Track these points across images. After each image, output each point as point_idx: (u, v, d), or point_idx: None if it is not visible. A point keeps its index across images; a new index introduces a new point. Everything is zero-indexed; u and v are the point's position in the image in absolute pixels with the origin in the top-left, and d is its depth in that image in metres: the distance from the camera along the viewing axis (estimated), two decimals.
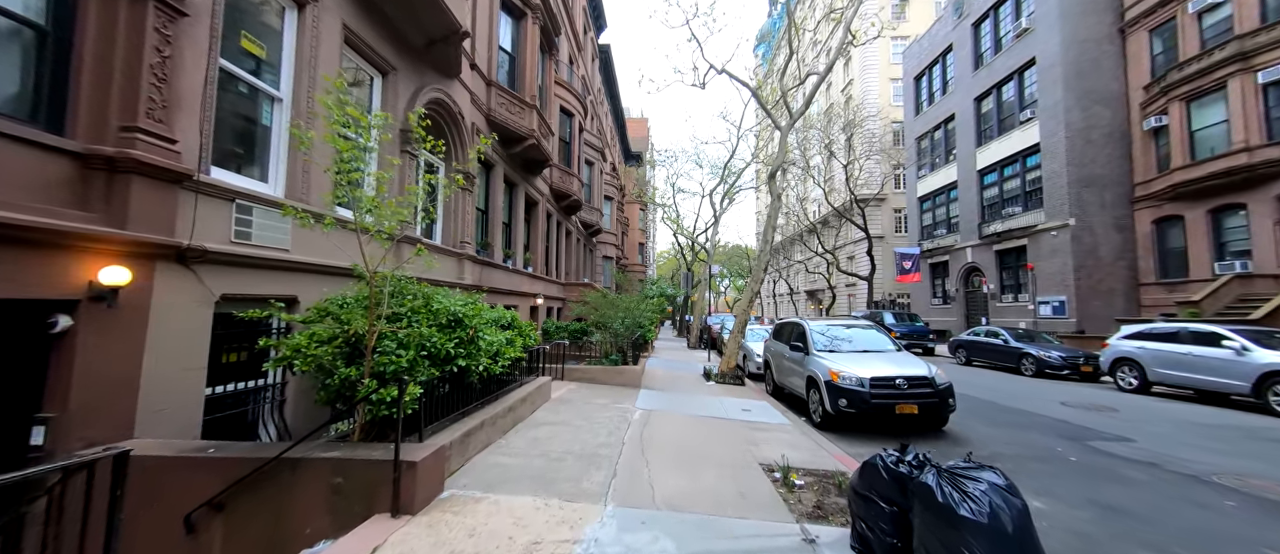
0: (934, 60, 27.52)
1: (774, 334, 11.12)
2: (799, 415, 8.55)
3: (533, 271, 15.25)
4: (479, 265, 11.07)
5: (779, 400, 9.91)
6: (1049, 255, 20.37)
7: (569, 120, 18.41)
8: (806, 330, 8.94)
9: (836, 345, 8.56)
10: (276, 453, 3.61)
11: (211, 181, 4.70)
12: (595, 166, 23.51)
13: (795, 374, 9.04)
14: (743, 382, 11.74)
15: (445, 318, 4.97)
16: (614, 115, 33.49)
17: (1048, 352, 14.03)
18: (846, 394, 7.16)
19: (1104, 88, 19.84)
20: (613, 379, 9.87)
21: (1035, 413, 8.94)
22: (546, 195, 16.69)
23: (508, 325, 7.08)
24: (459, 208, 10.13)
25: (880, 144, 29.86)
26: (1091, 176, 19.58)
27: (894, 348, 8.65)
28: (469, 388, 5.34)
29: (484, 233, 12.12)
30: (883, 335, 9.04)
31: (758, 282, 12.04)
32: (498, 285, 12.07)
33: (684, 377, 12.59)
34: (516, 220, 13.95)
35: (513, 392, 6.55)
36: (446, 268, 9.55)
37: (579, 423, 6.65)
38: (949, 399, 7.16)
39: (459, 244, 10.06)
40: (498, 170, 12.43)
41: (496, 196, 12.35)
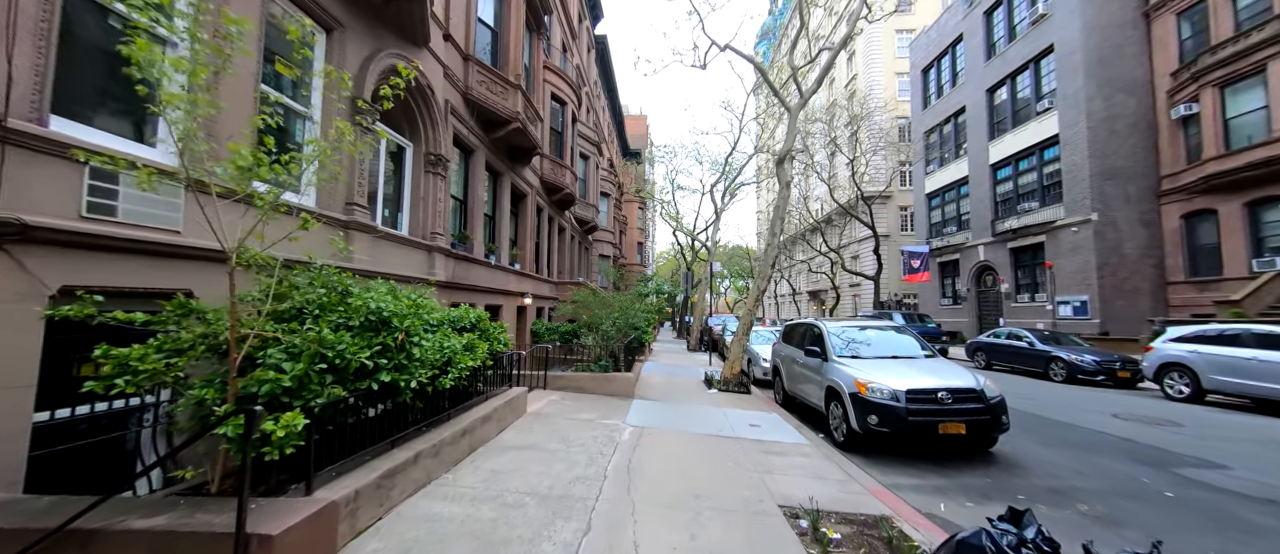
0: (943, 51, 26.27)
1: (783, 337, 9.86)
2: (816, 431, 7.29)
3: (520, 269, 14.01)
4: (454, 260, 9.83)
5: (790, 412, 8.65)
6: (1069, 252, 19.10)
7: (561, 109, 17.17)
8: (824, 333, 7.68)
9: (859, 350, 7.29)
10: (59, 522, 2.35)
11: (42, 135, 3.45)
12: (591, 161, 22.28)
13: (810, 383, 7.78)
14: (748, 389, 10.48)
15: (365, 318, 3.71)
16: (611, 111, 32.27)
17: (1080, 356, 12.75)
18: (878, 410, 5.90)
19: (1127, 75, 18.58)
20: (602, 388, 8.62)
21: (1090, 428, 7.66)
22: (536, 188, 15.45)
23: (470, 327, 5.83)
24: (429, 195, 8.89)
25: (886, 138, 28.58)
26: (1115, 169, 18.31)
27: (924, 352, 7.38)
28: (402, 410, 4.08)
29: (462, 224, 10.87)
30: (910, 338, 7.78)
31: (765, 279, 10.79)
32: (478, 283, 10.83)
33: (683, 384, 11.32)
34: (501, 213, 12.71)
35: (471, 410, 5.29)
36: (411, 261, 8.31)
37: (554, 446, 5.39)
38: (1002, 416, 5.89)
39: (429, 235, 8.82)
40: (479, 157, 11.19)
41: (477, 185, 11.10)
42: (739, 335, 10.81)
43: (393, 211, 8.49)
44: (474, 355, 5.24)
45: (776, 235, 10.68)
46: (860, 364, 6.76)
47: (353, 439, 3.53)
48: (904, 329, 8.04)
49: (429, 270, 8.82)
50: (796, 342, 9.06)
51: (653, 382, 11.10)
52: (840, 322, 8.20)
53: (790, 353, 9.03)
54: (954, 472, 5.53)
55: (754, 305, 10.90)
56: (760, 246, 58.76)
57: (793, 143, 10.84)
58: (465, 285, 10.21)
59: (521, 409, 6.61)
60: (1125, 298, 17.92)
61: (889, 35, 33.99)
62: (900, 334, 7.84)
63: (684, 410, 8.12)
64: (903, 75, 33.33)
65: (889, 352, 7.30)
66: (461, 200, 10.90)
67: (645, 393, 9.44)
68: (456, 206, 10.81)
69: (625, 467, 4.87)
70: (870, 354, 7.18)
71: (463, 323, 5.76)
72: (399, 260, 7.96)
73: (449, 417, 4.83)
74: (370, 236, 6.94)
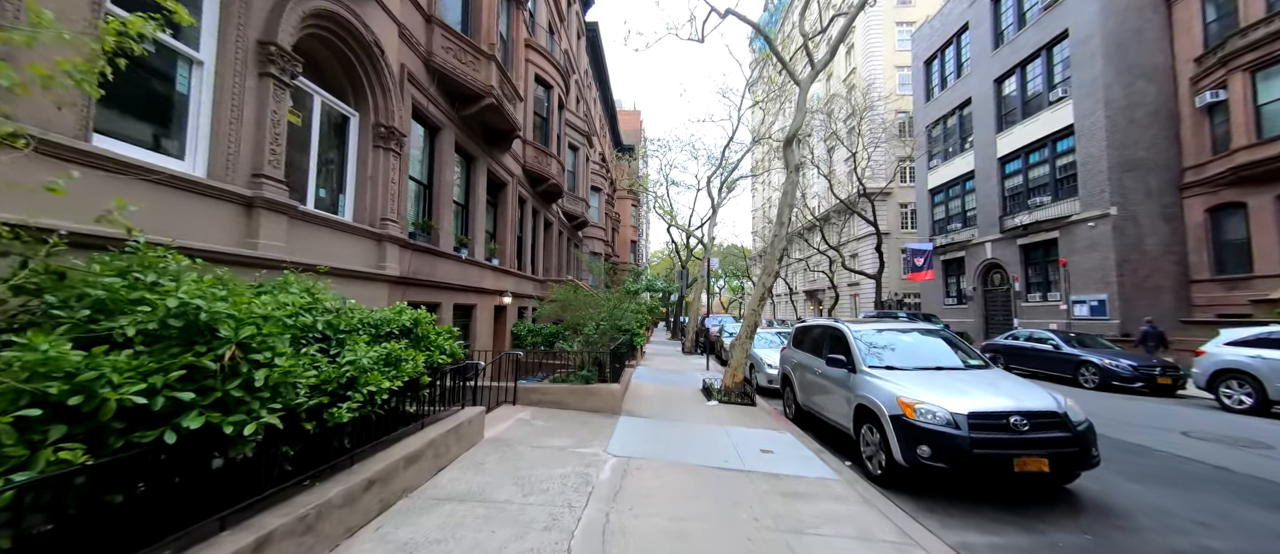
0: (947, 41, 25.04)
1: (794, 341, 8.47)
2: (840, 455, 5.91)
3: (499, 265, 12.56)
4: (413, 253, 8.37)
5: (805, 430, 7.26)
6: (1086, 249, 17.86)
7: (547, 93, 15.73)
8: (848, 338, 6.29)
9: (893, 358, 5.90)
10: None
11: None
12: (580, 153, 20.85)
13: (832, 397, 6.40)
14: (753, 400, 9.09)
15: (170, 323, 2.27)
16: (603, 103, 30.85)
17: (1115, 360, 11.46)
18: (930, 439, 4.51)
19: (1148, 61, 17.38)
20: (582, 403, 7.18)
21: (1168, 452, 6.32)
22: (518, 177, 14.00)
23: (401, 332, 4.39)
24: (379, 174, 7.43)
25: (887, 132, 27.30)
26: (1135, 160, 17.09)
27: (974, 361, 6.01)
28: (256, 464, 2.62)
29: (425, 212, 9.42)
30: (950, 345, 6.40)
31: (771, 275, 9.40)
32: (445, 279, 9.38)
33: (678, 394, 9.90)
34: (475, 202, 11.25)
35: (391, 447, 3.84)
36: (353, 252, 6.85)
37: (505, 494, 3.95)
38: (1093, 448, 4.52)
39: (378, 222, 7.37)
40: (447, 136, 9.73)
41: (445, 169, 9.64)
42: (741, 339, 9.42)
43: (332, 192, 7.04)
44: (399, 372, 3.81)
45: (784, 225, 9.30)
46: (899, 377, 5.37)
47: (124, 529, 2.07)
48: (941, 332, 6.67)
49: (378, 263, 7.37)
50: (810, 347, 7.67)
51: (644, 392, 9.67)
52: (865, 323, 6.81)
53: (804, 360, 7.64)
54: (1036, 521, 4.16)
55: (758, 305, 9.52)
56: (756, 246, 57.51)
57: (802, 121, 9.47)
58: (427, 281, 8.76)
59: (475, 436, 5.17)
60: (1147, 297, 16.70)
61: (889, 27, 32.79)
62: (939, 338, 6.46)
63: (680, 431, 6.71)
64: (903, 69, 32.14)
65: (931, 361, 5.92)
66: (426, 185, 9.44)
67: (635, 407, 8.02)
68: (419, 192, 9.36)
69: (600, 529, 3.45)
70: (908, 363, 5.79)
71: (390, 328, 4.32)
72: (335, 250, 6.51)
73: (350, 462, 3.38)
74: (285, 219, 5.48)
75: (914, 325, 6.82)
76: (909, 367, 5.70)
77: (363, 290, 7.01)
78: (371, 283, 7.21)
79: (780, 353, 9.15)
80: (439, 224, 9.44)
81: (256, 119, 5.23)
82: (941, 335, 6.52)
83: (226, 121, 4.94)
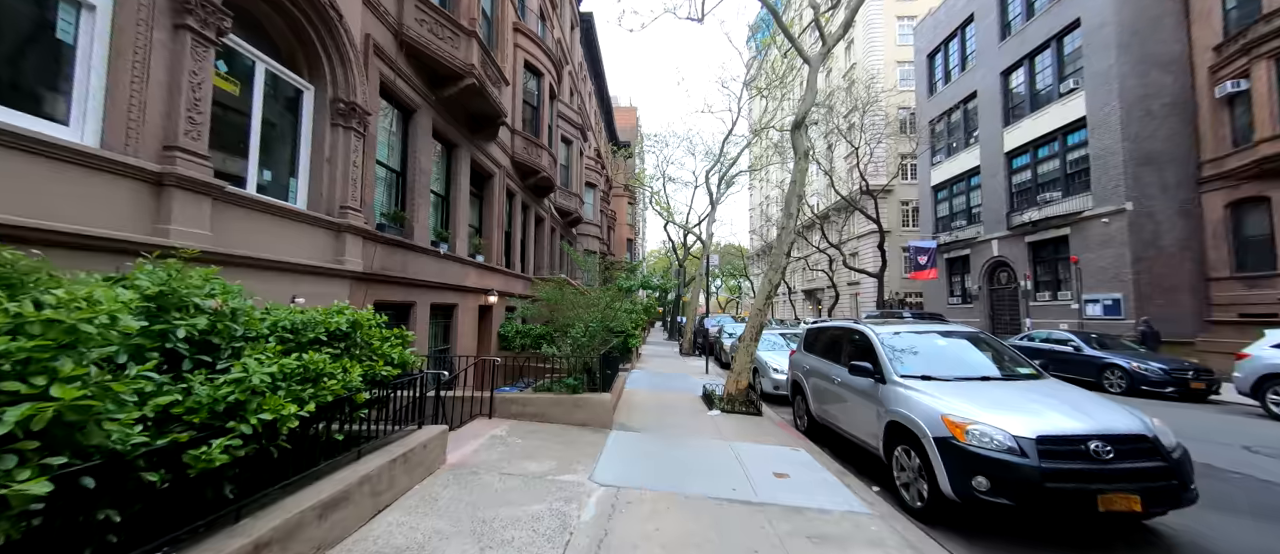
0: (951, 34, 24.23)
1: (806, 345, 7.59)
2: (864, 477, 5.04)
3: (485, 262, 11.63)
4: (382, 246, 7.45)
5: (820, 444, 6.39)
6: (1099, 246, 17.06)
7: (537, 81, 14.81)
8: (874, 343, 5.40)
9: (931, 367, 5.01)
10: None
11: None
12: (574, 146, 19.93)
13: (854, 411, 5.52)
14: (759, 409, 8.20)
15: None
16: (599, 98, 29.93)
17: (1144, 363, 10.63)
18: (989, 468, 3.63)
19: (1164, 51, 16.59)
20: (569, 415, 6.27)
21: (1245, 474, 5.47)
22: (506, 168, 13.08)
23: (336, 337, 3.49)
24: (339, 156, 6.51)
25: (888, 128, 26.49)
26: (1151, 153, 16.30)
27: (1024, 370, 5.12)
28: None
29: (398, 202, 8.49)
30: (990, 350, 5.52)
31: (779, 271, 8.52)
32: (420, 276, 8.46)
33: (676, 402, 9.01)
34: (457, 193, 10.33)
35: (298, 494, 2.91)
36: (305, 245, 5.93)
37: (455, 550, 3.04)
38: (1191, 481, 3.65)
39: (336, 211, 6.45)
40: (422, 119, 8.81)
41: (420, 155, 8.72)
42: (746, 342, 8.53)
43: (281, 176, 6.11)
44: (320, 390, 2.91)
45: (793, 217, 8.42)
46: (940, 390, 4.49)
47: None
48: (980, 336, 5.78)
49: (336, 257, 6.45)
50: (824, 351, 6.79)
51: (639, 399, 8.77)
52: (890, 325, 5.92)
53: (818, 366, 6.76)
54: None
55: (765, 304, 8.64)
56: (754, 245, 56.69)
57: (813, 101, 8.59)
58: (399, 278, 7.84)
59: (433, 462, 4.26)
60: (1164, 296, 15.91)
61: (889, 22, 31.99)
62: (978, 343, 5.57)
63: (680, 450, 5.81)
64: (904, 64, 31.35)
65: (973, 370, 5.04)
66: (398, 172, 8.52)
67: (628, 418, 7.12)
68: (391, 180, 8.44)
69: None
70: (947, 372, 4.91)
71: (316, 332, 3.40)
72: (282, 242, 5.59)
73: (234, 518, 2.47)
74: (209, 202, 4.56)
75: (947, 328, 5.94)
76: (949, 377, 4.81)
77: (317, 287, 6.08)
78: (328, 279, 6.29)
79: (789, 357, 8.26)
80: (414, 216, 8.51)
81: (169, 81, 4.30)
82: (980, 339, 5.64)
83: (127, 82, 4.01)
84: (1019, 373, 5.00)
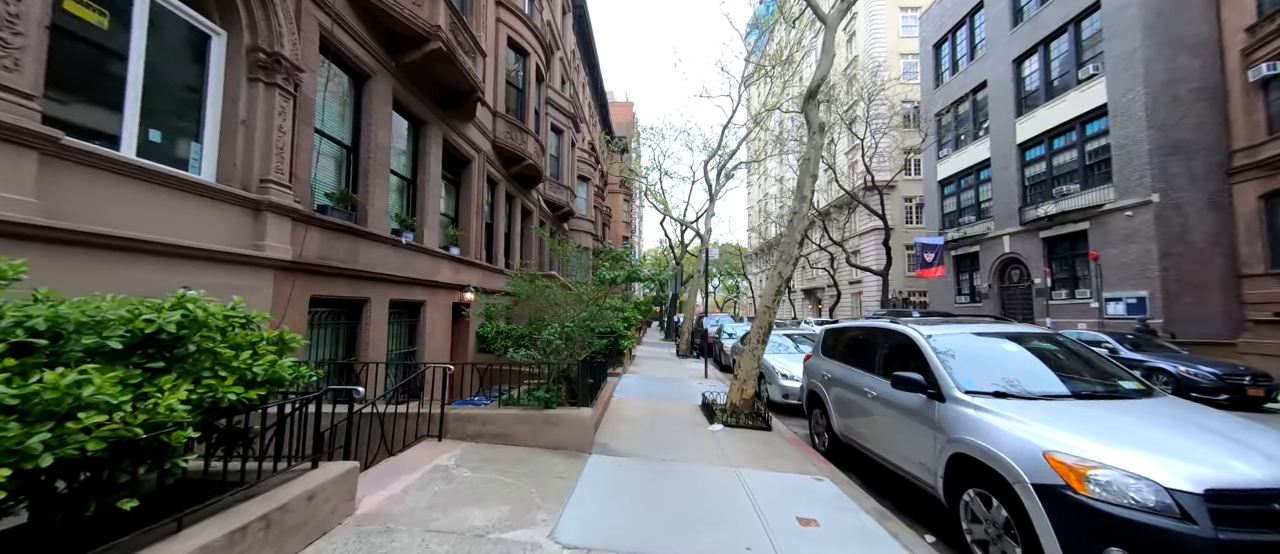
0: (959, 21, 23.07)
1: (825, 348, 6.37)
2: (912, 522, 3.84)
3: (461, 255, 10.39)
4: (323, 232, 6.21)
5: (845, 467, 5.18)
6: (1121, 241, 15.90)
7: (522, 61, 13.58)
8: (924, 348, 4.18)
9: (1005, 381, 3.76)
10: None
11: None
12: (565, 136, 18.69)
13: (894, 430, 4.31)
14: (768, 423, 6.98)
15: None
16: (593, 91, 28.68)
17: (1192, 367, 9.46)
18: (1132, 537, 2.42)
19: (1192, 33, 15.44)
20: (538, 436, 5.03)
21: None
22: (486, 153, 11.83)
23: (143, 343, 2.23)
24: (260, 119, 5.26)
25: (891, 122, 25.31)
26: (1179, 142, 15.15)
27: (1134, 385, 3.90)
28: None
29: (350, 183, 7.24)
30: (1077, 358, 4.30)
31: (790, 262, 7.29)
32: (376, 268, 7.21)
33: (672, 413, 7.77)
34: (426, 176, 9.08)
35: None
36: (212, 224, 4.69)
37: None
38: None
39: (255, 185, 5.20)
40: (379, 88, 7.56)
41: (375, 129, 7.46)
42: (752, 345, 7.30)
43: (175, 137, 4.85)
44: (75, 433, 1.67)
45: (806, 200, 7.21)
46: (1027, 413, 3.27)
47: None
48: (1056, 336, 4.56)
49: (253, 242, 5.20)
50: (847, 355, 5.58)
51: (628, 411, 7.53)
52: (939, 324, 4.68)
53: (842, 374, 5.54)
54: None
55: (774, 301, 7.41)
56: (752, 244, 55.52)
57: (830, 67, 7.38)
58: (345, 270, 6.59)
59: (326, 519, 3.00)
60: (1193, 294, 14.75)
61: (892, 13, 30.82)
62: (1061, 347, 4.34)
63: (675, 481, 4.58)
64: (907, 57, 30.20)
65: (1062, 384, 3.80)
66: (349, 148, 7.26)
67: (613, 436, 5.89)
68: (340, 157, 7.19)
69: None
70: (1030, 388, 3.67)
71: (102, 338, 2.16)
72: (172, 220, 4.35)
73: None
74: (35, 157, 3.31)
75: (1010, 327, 4.68)
76: (1033, 393, 3.59)
77: (226, 278, 4.84)
78: (242, 269, 5.04)
79: (804, 363, 7.03)
80: (368, 198, 7.26)
81: None
82: (1058, 342, 4.42)
83: None
84: (1122, 388, 3.78)
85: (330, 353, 6.66)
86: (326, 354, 6.58)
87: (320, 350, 6.39)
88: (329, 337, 6.64)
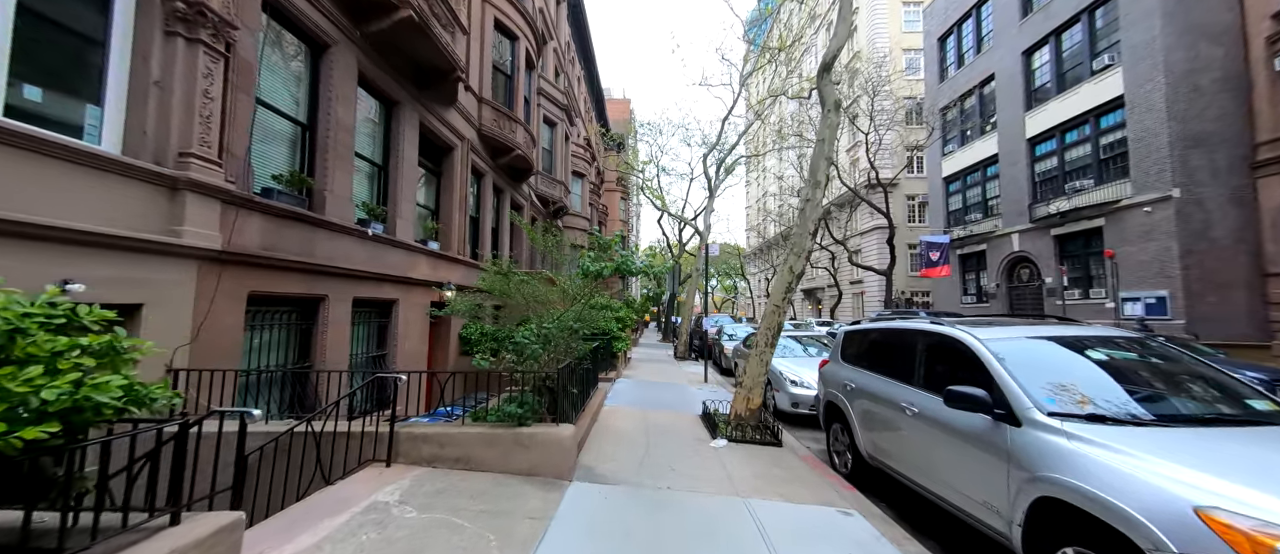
0: (965, 13, 22.27)
1: (844, 351, 5.51)
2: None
3: (441, 250, 9.52)
4: (267, 218, 5.33)
5: (867, 490, 4.32)
6: (1139, 238, 15.10)
7: (511, 46, 12.71)
8: (987, 356, 3.32)
9: (1104, 401, 2.88)
10: None
11: None
12: (558, 129, 17.82)
13: (947, 455, 3.47)
14: (778, 437, 6.12)
15: None
16: (589, 84, 27.81)
17: (1237, 372, 8.58)
18: None
19: (1214, 20, 14.65)
20: (506, 461, 4.15)
21: None
22: (471, 142, 10.96)
23: None
24: (179, 81, 4.38)
25: (894, 118, 24.53)
26: (1201, 134, 14.36)
27: (1271, 404, 3.05)
28: None
29: (305, 166, 6.35)
30: (1181, 367, 3.47)
31: (802, 255, 6.43)
32: (336, 263, 6.33)
33: (669, 425, 6.90)
34: (399, 162, 8.21)
35: None
36: (108, 204, 3.82)
37: None
38: None
39: (174, 159, 4.33)
40: (341, 58, 6.68)
41: (336, 106, 6.57)
42: (759, 348, 6.44)
43: (66, 97, 3.97)
44: None
45: (820, 185, 6.36)
46: (1141, 445, 2.42)
47: None
48: (1150, 341, 3.73)
49: (168, 226, 4.31)
50: (874, 361, 4.73)
51: (619, 423, 6.66)
52: (996, 327, 3.81)
53: (867, 384, 4.69)
54: None
55: (784, 299, 6.56)
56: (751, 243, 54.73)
57: (847, 36, 6.53)
58: (298, 264, 5.70)
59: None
60: (1216, 293, 13.96)
61: (894, 8, 30.04)
62: (1156, 355, 3.50)
63: (672, 516, 3.72)
64: (910, 52, 29.42)
65: (1178, 405, 2.95)
66: (305, 126, 6.38)
67: (598, 457, 5.02)
68: (294, 136, 6.30)
69: None
70: (1137, 410, 2.81)
71: None
72: (54, 197, 3.48)
73: None
74: None
75: (1091, 330, 3.79)
76: (1142, 417, 2.73)
77: (128, 270, 3.97)
78: (151, 258, 4.16)
79: (819, 370, 6.16)
80: (327, 183, 6.38)
81: None
82: (1155, 349, 3.57)
83: None
84: (1256, 410, 2.93)
85: (278, 358, 5.77)
86: (274, 360, 5.70)
87: (263, 356, 5.50)
88: (276, 340, 5.75)
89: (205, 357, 4.59)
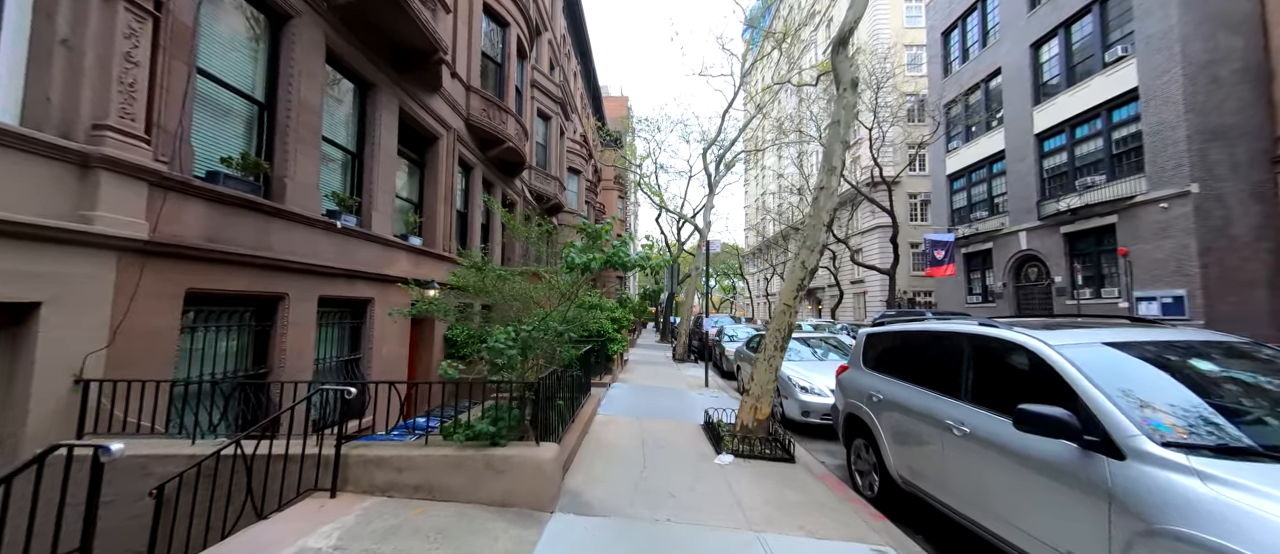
0: (970, 7, 21.66)
1: (866, 358, 4.84)
2: None
3: (424, 245, 8.84)
4: (208, 204, 4.63)
5: (898, 518, 3.65)
6: (1155, 236, 14.48)
7: (502, 32, 12.03)
8: (1071, 372, 2.63)
9: (1238, 431, 2.23)
10: None
11: None
12: (553, 123, 17.14)
13: (1014, 490, 2.80)
14: (790, 452, 5.44)
15: None
16: (586, 79, 27.13)
17: None
18: None
19: (1232, 9, 14.05)
20: (475, 490, 3.47)
21: None
22: (458, 131, 10.27)
23: None
24: (93, 42, 3.69)
25: (897, 114, 23.90)
26: (1220, 128, 13.75)
27: None
28: None
29: (263, 150, 5.66)
30: None
31: (816, 250, 5.78)
32: (300, 257, 5.64)
33: (668, 438, 6.22)
34: (375, 150, 7.52)
35: None
36: (9, 185, 3.13)
37: None
38: None
39: (86, 131, 3.65)
40: (305, 32, 5.99)
41: (298, 83, 5.88)
42: (768, 353, 5.78)
43: None
44: None
45: (835, 171, 5.70)
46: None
47: None
48: (1239, 346, 3.05)
49: (77, 211, 3.62)
50: (906, 369, 4.07)
51: (612, 436, 5.98)
52: (1073, 331, 3.13)
53: (902, 397, 4.02)
54: None
55: (794, 299, 5.90)
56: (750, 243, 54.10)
57: (862, 10, 5.87)
58: (252, 258, 5.01)
59: None
60: (1237, 292, 13.34)
61: (896, 4, 29.44)
62: (1256, 360, 2.85)
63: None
64: (912, 48, 28.84)
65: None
66: (262, 104, 5.69)
67: (587, 481, 4.33)
68: (249, 116, 5.61)
69: None
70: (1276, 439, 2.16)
71: None
72: None
73: None
74: None
75: (1190, 335, 3.10)
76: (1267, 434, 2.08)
77: (22, 263, 3.28)
78: (55, 249, 3.47)
79: (837, 378, 5.49)
80: (287, 168, 5.69)
81: None
82: (1252, 357, 2.91)
83: None
84: None
85: (227, 365, 5.08)
86: (222, 367, 5.00)
87: (207, 363, 4.81)
88: (224, 345, 5.05)
89: (129, 365, 3.90)
